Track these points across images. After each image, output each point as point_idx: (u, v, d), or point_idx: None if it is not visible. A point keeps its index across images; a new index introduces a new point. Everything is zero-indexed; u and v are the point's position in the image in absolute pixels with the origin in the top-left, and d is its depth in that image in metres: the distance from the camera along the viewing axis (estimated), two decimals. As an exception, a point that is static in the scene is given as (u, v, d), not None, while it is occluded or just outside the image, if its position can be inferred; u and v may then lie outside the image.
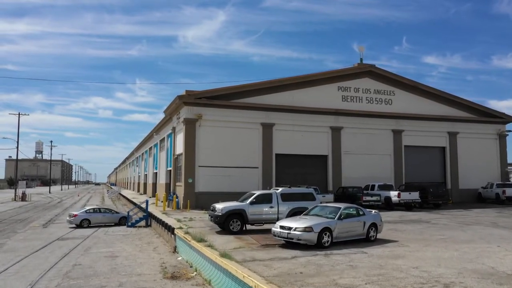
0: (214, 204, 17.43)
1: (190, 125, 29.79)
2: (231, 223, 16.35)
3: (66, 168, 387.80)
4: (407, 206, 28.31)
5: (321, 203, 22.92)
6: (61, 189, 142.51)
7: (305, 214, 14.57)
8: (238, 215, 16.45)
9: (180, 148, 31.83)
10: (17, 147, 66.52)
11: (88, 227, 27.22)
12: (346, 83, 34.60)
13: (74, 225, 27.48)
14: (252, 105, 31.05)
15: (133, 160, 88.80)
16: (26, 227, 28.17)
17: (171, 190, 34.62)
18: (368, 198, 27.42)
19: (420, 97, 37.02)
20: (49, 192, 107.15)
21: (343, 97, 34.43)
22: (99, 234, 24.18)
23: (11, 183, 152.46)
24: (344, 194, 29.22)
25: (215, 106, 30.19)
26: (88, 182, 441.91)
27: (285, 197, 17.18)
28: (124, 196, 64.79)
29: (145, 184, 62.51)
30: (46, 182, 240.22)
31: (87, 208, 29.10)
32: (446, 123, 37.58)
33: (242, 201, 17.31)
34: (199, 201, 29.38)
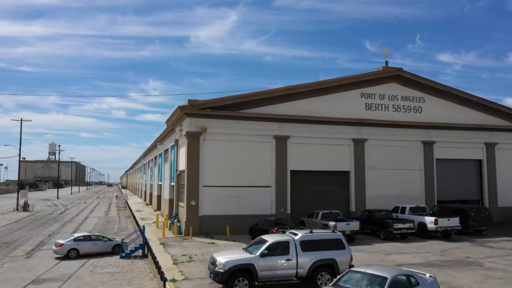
0: (213, 256, 13.57)
1: (193, 139, 26.18)
2: (236, 283, 12.55)
3: (79, 169, 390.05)
4: (444, 234, 24.24)
5: (345, 234, 18.78)
6: (71, 193, 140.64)
7: (334, 286, 10.63)
8: (245, 271, 12.61)
9: (182, 164, 28.25)
10: (19, 155, 63.88)
11: (77, 257, 23.76)
12: (370, 89, 30.59)
13: (60, 256, 24.05)
14: (263, 115, 27.29)
15: (140, 167, 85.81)
16: (7, 257, 24.81)
17: (174, 211, 31.09)
18: (400, 225, 23.40)
19: (453, 104, 32.77)
20: (57, 197, 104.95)
21: (367, 105, 30.44)
22: (84, 272, 20.59)
23: (22, 186, 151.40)
24: (371, 219, 25.23)
25: (221, 118, 26.52)
26: (101, 183, 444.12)
27: (306, 246, 13.23)
28: (129, 207, 61.58)
29: (151, 194, 59.24)
30: (58, 184, 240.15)
31: (76, 235, 25.55)
32: (483, 132, 33.25)
33: (250, 251, 13.45)
34: (204, 225, 25.75)
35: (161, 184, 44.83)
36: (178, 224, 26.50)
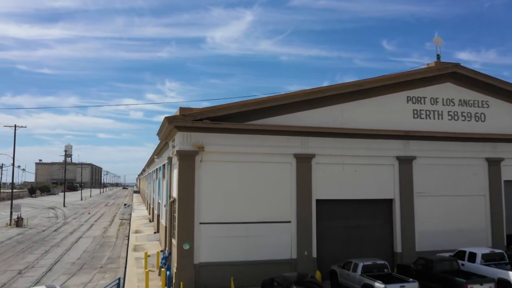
0: None
1: (186, 161, 19.61)
2: None
3: (95, 171, 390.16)
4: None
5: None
6: (81, 198, 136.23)
7: None
8: None
9: (175, 189, 21.69)
10: (13, 163, 58.86)
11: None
12: (418, 91, 23.53)
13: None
14: (280, 127, 20.56)
15: (147, 174, 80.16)
16: None
17: (166, 248, 24.60)
18: (477, 287, 16.34)
19: (525, 109, 25.39)
20: (63, 205, 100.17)
21: (415, 112, 23.39)
22: None
23: (32, 191, 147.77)
24: (430, 273, 18.14)
25: (224, 131, 19.89)
26: (117, 185, 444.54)
27: None
28: (130, 224, 55.57)
29: (153, 210, 53.09)
30: (72, 187, 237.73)
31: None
32: None
33: None
34: (201, 277, 19.14)
35: (159, 203, 38.60)
36: (167, 273, 19.98)
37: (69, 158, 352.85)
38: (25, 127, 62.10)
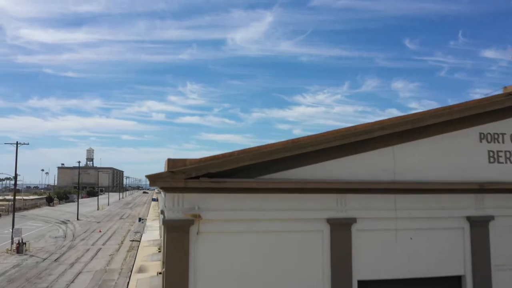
0: None
1: (178, 234, 14.10)
2: None
3: (117, 175, 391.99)
4: None
5: None
6: (98, 208, 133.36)
7: None
8: None
9: (164, 272, 16.18)
10: (15, 177, 54.95)
11: None
12: (495, 125, 17.35)
13: None
14: (308, 183, 14.83)
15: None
16: None
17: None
18: None
19: None
20: (77, 218, 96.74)
21: (491, 154, 17.21)
22: None
23: (50, 200, 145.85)
24: None
25: (229, 191, 14.34)
26: (138, 188, 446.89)
27: None
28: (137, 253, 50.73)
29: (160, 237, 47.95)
30: (93, 192, 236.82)
31: None
32: None
33: None
34: None
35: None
36: None
37: (91, 162, 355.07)
38: (27, 144, 58.09)
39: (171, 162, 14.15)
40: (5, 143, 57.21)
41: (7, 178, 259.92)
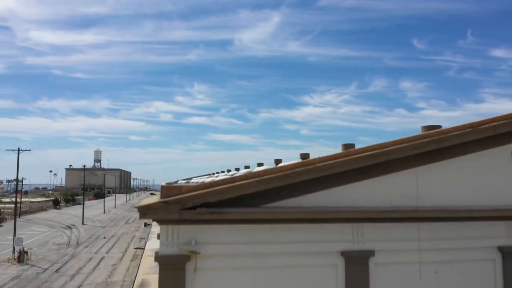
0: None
1: (173, 272, 12.52)
2: None
3: (124, 176, 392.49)
4: None
5: None
6: (104, 211, 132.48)
7: None
8: None
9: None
10: (17, 184, 53.84)
11: None
12: (530, 143, 15.51)
13: None
14: (319, 212, 13.14)
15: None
16: None
17: None
18: None
19: None
20: (82, 222, 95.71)
21: (526, 175, 15.40)
22: None
23: (56, 203, 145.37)
24: None
25: (230, 222, 12.70)
26: (146, 189, 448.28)
27: None
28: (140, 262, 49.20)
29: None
30: (100, 194, 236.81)
31: None
32: None
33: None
34: None
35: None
36: None
37: (99, 163, 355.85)
38: (29, 150, 56.96)
39: (165, 189, 12.54)
40: (6, 149, 56.38)
41: (15, 180, 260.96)
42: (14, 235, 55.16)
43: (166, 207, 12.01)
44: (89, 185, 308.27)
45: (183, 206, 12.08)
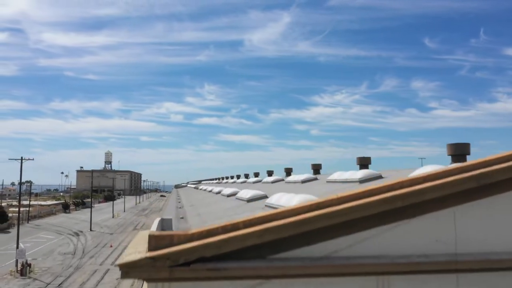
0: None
1: None
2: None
3: (134, 177, 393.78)
4: None
5: None
6: (113, 215, 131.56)
7: None
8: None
9: None
10: (19, 193, 52.63)
11: None
12: None
13: None
14: (336, 264, 11.00)
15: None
16: None
17: None
18: None
19: None
20: (90, 229, 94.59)
21: None
22: None
23: (66, 206, 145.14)
24: None
25: (229, 278, 10.65)
26: (156, 190, 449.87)
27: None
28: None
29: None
30: (110, 197, 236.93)
31: None
32: None
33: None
34: None
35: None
36: None
37: (109, 165, 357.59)
38: (33, 159, 55.66)
39: (153, 239, 10.44)
40: (9, 159, 55.32)
41: (27, 182, 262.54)
42: (17, 247, 53.87)
43: (153, 264, 9.93)
44: (99, 187, 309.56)
45: (174, 262, 10.01)
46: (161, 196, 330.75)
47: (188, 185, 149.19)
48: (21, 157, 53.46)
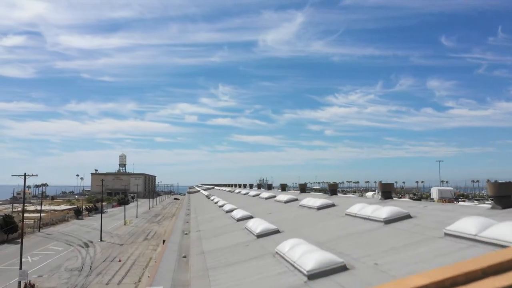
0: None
1: None
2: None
3: (148, 180, 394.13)
4: None
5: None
6: (124, 222, 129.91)
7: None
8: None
9: None
10: (23, 204, 50.79)
11: None
12: None
13: None
14: None
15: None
16: None
17: None
18: None
19: None
20: (100, 239, 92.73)
21: None
22: None
23: (78, 213, 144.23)
24: None
25: None
26: (171, 193, 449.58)
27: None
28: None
29: None
30: (123, 201, 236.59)
31: None
32: None
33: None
34: None
35: None
36: None
37: (123, 168, 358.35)
38: (36, 175, 53.70)
39: None
40: (12, 175, 53.14)
41: (43, 184, 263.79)
42: (20, 268, 51.76)
43: None
44: (113, 190, 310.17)
45: None
46: (175, 199, 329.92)
47: (201, 191, 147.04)
48: (25, 174, 51.54)
